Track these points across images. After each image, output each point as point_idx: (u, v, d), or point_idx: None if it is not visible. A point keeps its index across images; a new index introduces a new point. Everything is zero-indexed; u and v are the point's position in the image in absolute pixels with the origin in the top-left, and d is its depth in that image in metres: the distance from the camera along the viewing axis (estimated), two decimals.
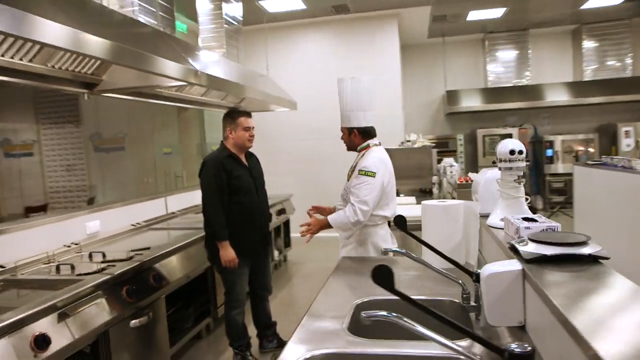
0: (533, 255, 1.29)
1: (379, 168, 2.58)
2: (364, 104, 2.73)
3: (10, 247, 2.62)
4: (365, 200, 2.52)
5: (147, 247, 2.89)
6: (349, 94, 2.75)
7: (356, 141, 2.73)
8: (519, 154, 1.76)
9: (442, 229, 2.09)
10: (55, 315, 2.04)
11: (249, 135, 2.98)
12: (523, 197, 1.87)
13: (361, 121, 2.72)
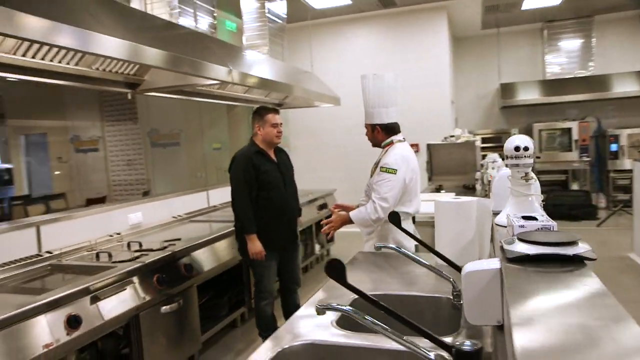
0: (515, 254, 1.26)
1: (400, 165, 2.57)
2: (386, 101, 2.74)
3: (59, 235, 2.86)
4: (386, 197, 2.53)
5: (178, 239, 3.04)
6: (372, 90, 2.77)
7: (379, 138, 2.74)
8: (525, 150, 1.71)
9: (454, 227, 2.06)
10: (88, 298, 2.22)
11: (276, 131, 3.06)
12: (534, 195, 1.81)
13: (384, 118, 2.73)
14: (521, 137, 1.75)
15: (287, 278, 3.23)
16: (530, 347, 0.71)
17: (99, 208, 3.30)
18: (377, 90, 2.75)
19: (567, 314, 0.87)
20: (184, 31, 3.31)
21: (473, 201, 2.05)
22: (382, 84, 2.74)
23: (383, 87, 2.74)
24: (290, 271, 3.22)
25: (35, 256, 2.66)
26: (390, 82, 2.76)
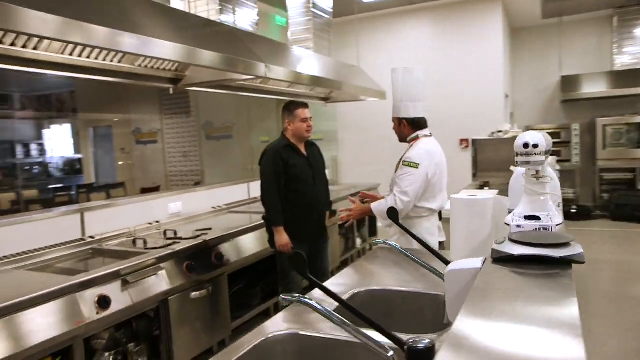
0: (499, 255, 1.22)
1: (423, 159, 2.55)
2: (414, 95, 2.72)
3: (103, 221, 3.07)
4: (406, 191, 2.52)
5: (209, 228, 3.16)
6: (401, 84, 2.76)
7: (405, 132, 2.73)
8: (534, 148, 1.64)
9: (468, 224, 2.01)
10: (119, 281, 2.38)
11: (306, 126, 3.09)
12: (548, 194, 1.73)
13: (410, 112, 2.71)
14: (532, 134, 1.68)
15: (316, 271, 3.27)
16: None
17: (141, 197, 3.48)
18: (406, 84, 2.74)
19: (504, 337, 0.83)
20: (223, 29, 3.42)
21: (489, 199, 1.99)
22: (412, 79, 2.73)
23: (412, 81, 2.73)
24: (319, 264, 3.26)
25: (79, 240, 2.88)
26: (420, 76, 2.74)
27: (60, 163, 10.92)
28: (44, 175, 10.39)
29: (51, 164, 10.68)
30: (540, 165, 1.67)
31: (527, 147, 1.64)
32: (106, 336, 2.46)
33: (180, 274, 2.73)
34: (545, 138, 1.70)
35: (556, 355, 0.70)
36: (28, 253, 2.62)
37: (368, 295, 1.74)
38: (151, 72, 3.38)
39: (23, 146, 10.77)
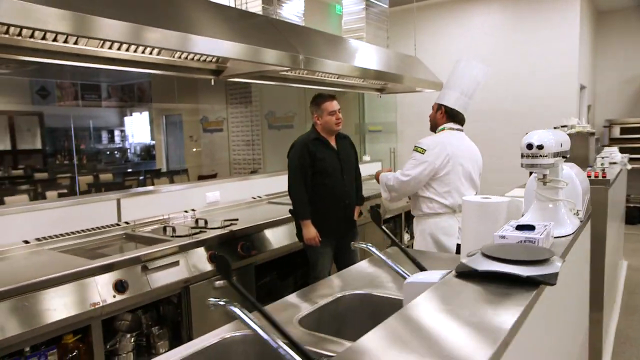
0: (463, 269, 1.10)
1: (431, 147, 2.54)
2: (464, 87, 2.66)
3: (141, 207, 3.22)
4: (407, 172, 2.58)
5: (236, 219, 3.20)
6: (457, 73, 2.77)
7: (439, 120, 2.68)
8: (539, 149, 1.46)
9: (479, 228, 1.85)
10: (139, 266, 2.48)
11: (335, 119, 3.03)
12: (561, 201, 1.54)
13: (452, 101, 2.64)
14: (539, 134, 1.51)
15: (344, 266, 3.19)
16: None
17: (179, 185, 3.60)
18: (461, 74, 2.72)
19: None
20: (261, 20, 3.41)
21: (503, 202, 1.82)
22: (470, 72, 2.71)
23: (469, 75, 2.70)
24: (347, 259, 3.20)
25: (115, 225, 3.03)
26: (478, 74, 2.74)
27: (137, 149, 11.67)
28: (120, 159, 11.15)
29: (128, 150, 11.44)
30: (548, 169, 1.49)
31: (530, 148, 1.47)
32: (129, 318, 2.59)
33: (203, 262, 2.79)
34: (559, 139, 1.51)
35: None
36: (64, 235, 2.80)
37: (355, 299, 1.66)
38: (194, 65, 3.47)
39: (108, 132, 11.61)
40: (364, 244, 1.53)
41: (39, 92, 10.13)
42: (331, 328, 1.48)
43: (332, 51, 3.91)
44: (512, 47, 6.12)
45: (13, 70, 8.61)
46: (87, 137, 11.04)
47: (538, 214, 1.55)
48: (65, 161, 10.44)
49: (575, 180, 1.67)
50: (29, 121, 9.95)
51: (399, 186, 2.61)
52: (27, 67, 8.20)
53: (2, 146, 9.18)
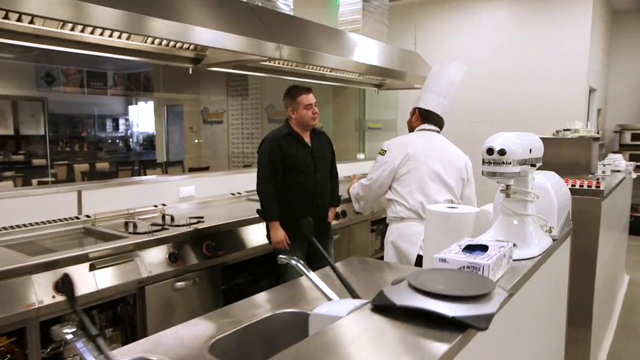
0: (380, 301, 0.89)
1: (391, 147, 2.42)
2: (438, 89, 2.49)
3: (106, 201, 3.04)
4: (368, 176, 2.49)
5: (200, 217, 3.01)
6: (433, 76, 2.64)
7: (414, 122, 2.53)
8: (501, 155, 1.24)
9: (442, 241, 1.64)
10: (86, 265, 2.30)
11: (311, 113, 2.83)
12: (529, 216, 1.33)
13: (428, 103, 2.48)
14: (503, 137, 1.29)
15: (317, 271, 3.00)
16: None
17: (150, 178, 3.42)
18: (438, 77, 2.58)
19: None
20: (240, 6, 3.21)
21: (469, 214, 1.60)
22: (445, 73, 2.56)
23: (444, 75, 2.55)
24: (319, 264, 2.99)
25: (74, 218, 2.87)
26: (453, 74, 2.56)
27: (140, 138, 11.56)
28: (122, 148, 11.05)
29: (130, 139, 11.34)
30: (511, 178, 1.27)
31: (491, 154, 1.26)
32: (78, 319, 2.42)
33: (162, 262, 2.61)
34: (526, 144, 1.29)
35: None
36: (15, 228, 2.64)
37: (288, 318, 1.46)
38: (173, 52, 3.30)
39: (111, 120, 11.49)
40: (288, 259, 1.32)
41: (45, 77, 10.05)
42: (257, 353, 1.29)
43: (320, 42, 3.70)
44: (519, 46, 5.84)
45: (17, 55, 8.53)
46: (90, 125, 10.95)
47: (502, 230, 1.33)
48: (67, 148, 10.38)
49: (549, 193, 1.45)
50: (33, 107, 9.89)
51: (363, 192, 2.54)
52: (31, 52, 8.11)
53: (5, 131, 9.11)
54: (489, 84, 5.85)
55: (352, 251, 4.29)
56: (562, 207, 1.56)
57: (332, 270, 1.30)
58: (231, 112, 8.69)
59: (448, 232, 1.61)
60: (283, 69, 4.11)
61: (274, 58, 3.08)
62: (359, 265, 2.06)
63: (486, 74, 5.86)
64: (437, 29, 6.33)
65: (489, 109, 5.86)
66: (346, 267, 2.05)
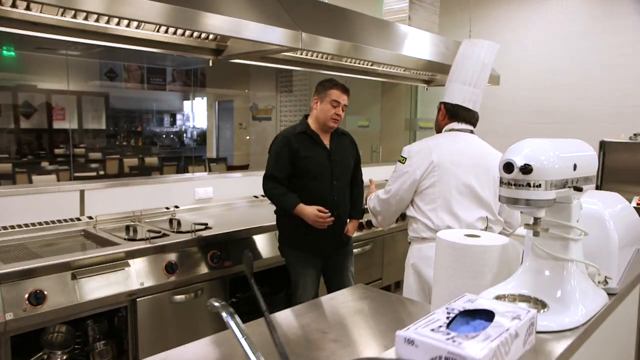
0: None
1: (412, 153, 1.96)
2: (465, 76, 1.97)
3: (112, 202, 2.85)
4: (386, 189, 2.05)
5: (205, 223, 2.73)
6: (456, 61, 2.09)
7: (441, 121, 2.07)
8: (525, 173, 0.83)
9: (454, 281, 1.24)
10: (68, 274, 2.09)
11: (334, 112, 2.46)
12: (571, 261, 0.90)
13: (455, 96, 2.01)
14: (531, 145, 0.87)
15: (335, 289, 2.63)
16: None
17: (166, 178, 3.20)
18: (464, 60, 2.04)
19: None
20: None
21: (492, 246, 1.18)
22: (471, 56, 2.02)
23: (471, 59, 2.02)
24: (338, 282, 2.64)
25: (75, 219, 2.69)
26: (482, 55, 2.01)
27: (194, 133, 11.69)
28: (177, 144, 11.19)
29: (184, 134, 11.48)
30: (543, 208, 0.86)
31: (510, 171, 0.85)
32: (64, 330, 2.23)
33: (157, 272, 2.36)
34: (567, 155, 0.87)
35: None
36: (8, 229, 2.48)
37: None
38: (193, 43, 3.07)
39: (169, 116, 11.70)
40: (219, 308, 0.97)
41: (108, 73, 10.38)
42: None
43: (357, 32, 3.33)
44: (591, 38, 5.11)
45: (82, 52, 8.81)
46: (147, 120, 11.20)
47: (529, 280, 0.92)
48: (124, 142, 10.67)
49: (606, 226, 1.01)
50: (97, 102, 10.25)
51: (381, 207, 2.07)
52: (95, 49, 8.34)
53: (69, 125, 9.46)
54: (556, 81, 5.19)
55: (386, 266, 3.89)
56: (628, 243, 1.11)
57: (266, 324, 0.95)
58: (280, 109, 8.50)
59: (462, 269, 1.20)
60: (323, 62, 3.80)
61: (294, 48, 2.75)
62: (355, 298, 1.69)
63: (553, 69, 5.21)
64: (495, 19, 5.71)
65: (556, 108, 5.20)
66: (338, 300, 1.69)
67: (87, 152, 8.72)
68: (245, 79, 9.16)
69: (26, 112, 7.99)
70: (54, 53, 8.16)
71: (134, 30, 2.55)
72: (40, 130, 7.81)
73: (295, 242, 2.52)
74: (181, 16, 2.22)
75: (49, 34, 2.39)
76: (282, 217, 2.59)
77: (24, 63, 7.79)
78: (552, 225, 0.89)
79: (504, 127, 5.74)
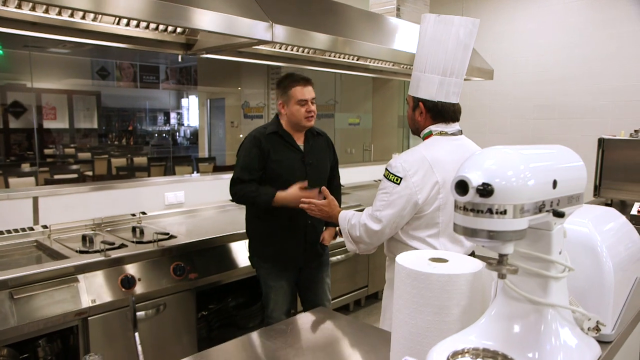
0: None
1: (410, 172, 1.54)
2: (445, 65, 1.61)
3: (71, 208, 2.64)
4: (379, 216, 1.57)
5: (167, 233, 2.52)
6: (426, 42, 1.64)
7: (420, 121, 1.69)
8: (483, 195, 0.61)
9: (413, 317, 1.02)
10: (4, 293, 1.88)
11: (305, 110, 2.23)
12: (552, 307, 0.69)
13: (434, 91, 1.63)
14: (490, 157, 0.65)
15: (310, 305, 2.42)
16: None
17: (133, 181, 2.99)
18: (437, 43, 1.61)
19: None
20: None
21: (460, 275, 0.97)
22: (446, 35, 1.59)
23: (446, 40, 1.60)
24: (313, 295, 2.43)
25: (28, 229, 2.48)
26: (461, 33, 1.59)
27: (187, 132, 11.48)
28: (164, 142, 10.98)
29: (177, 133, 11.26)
30: (509, 242, 0.64)
31: (463, 192, 0.63)
32: (5, 353, 2.02)
33: (111, 288, 2.15)
34: (543, 171, 0.65)
35: None
36: None
37: None
38: (162, 37, 2.87)
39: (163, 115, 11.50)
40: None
41: (99, 72, 10.18)
42: None
43: (332, 24, 3.11)
44: (593, 30, 4.86)
45: (71, 50, 8.60)
46: (138, 119, 11.00)
47: (495, 331, 0.71)
48: (115, 142, 10.48)
49: (599, 258, 0.79)
50: (88, 101, 10.05)
51: (370, 238, 1.63)
52: (85, 47, 8.14)
53: (63, 124, 9.26)
54: (555, 75, 4.95)
55: (372, 271, 3.68)
56: (627, 273, 0.89)
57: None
58: (272, 106, 8.30)
59: (422, 304, 0.98)
60: (309, 57, 3.58)
61: (265, 41, 2.53)
62: (311, 325, 1.48)
63: (553, 62, 4.96)
64: (490, 12, 5.47)
65: (555, 104, 4.97)
66: (291, 326, 1.47)
67: (76, 152, 8.52)
68: (237, 76, 8.96)
69: (15, 112, 7.79)
70: (43, 51, 7.96)
71: (97, 24, 2.36)
72: (29, 130, 7.58)
73: (266, 252, 2.31)
74: (141, 7, 2.01)
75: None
76: (253, 223, 2.38)
77: (12, 61, 7.60)
78: (527, 257, 0.68)
79: (501, 124, 5.52)
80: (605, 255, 0.81)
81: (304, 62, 3.67)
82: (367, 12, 3.72)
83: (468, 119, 5.97)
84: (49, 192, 2.59)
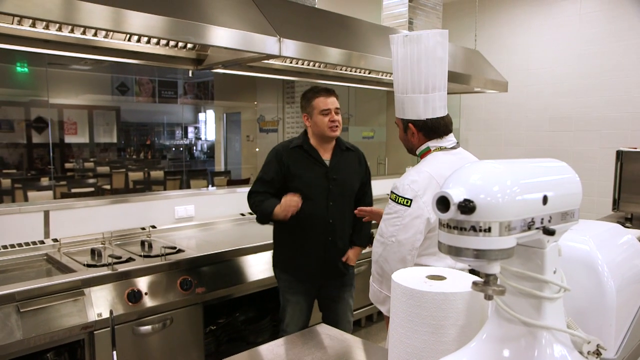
0: None
1: (419, 193, 1.50)
2: (426, 83, 1.57)
3: (81, 221, 2.67)
4: (391, 237, 1.52)
5: (174, 247, 2.51)
6: (400, 64, 1.62)
7: (413, 141, 1.66)
8: (464, 212, 0.58)
9: (407, 330, 0.99)
10: (10, 307, 1.90)
11: (328, 120, 2.21)
12: (546, 330, 0.65)
13: (420, 110, 1.60)
14: (474, 171, 0.62)
15: (332, 322, 2.35)
16: None
17: (144, 195, 3.01)
18: (411, 64, 1.59)
19: None
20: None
21: (456, 293, 0.93)
22: (419, 54, 1.57)
23: (420, 58, 1.57)
24: (334, 314, 2.38)
25: (39, 242, 2.51)
26: (437, 49, 1.57)
27: (203, 146, 11.61)
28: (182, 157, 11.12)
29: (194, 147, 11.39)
30: (494, 261, 0.61)
31: (445, 208, 0.60)
32: None
33: (119, 302, 2.15)
34: (532, 186, 0.62)
35: None
36: None
37: None
38: (173, 53, 2.92)
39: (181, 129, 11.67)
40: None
41: (119, 87, 10.40)
42: None
43: (343, 38, 3.11)
44: (610, 40, 4.78)
45: (93, 67, 8.82)
46: (157, 133, 11.18)
47: (487, 356, 0.67)
48: (134, 156, 10.64)
49: (600, 275, 0.76)
50: (108, 116, 10.26)
51: (389, 266, 1.52)
52: (104, 64, 8.35)
53: (83, 139, 9.45)
54: (571, 87, 4.87)
55: None
56: (632, 294, 0.84)
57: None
58: (287, 120, 8.35)
59: (418, 323, 0.95)
60: (322, 72, 3.62)
61: (272, 55, 2.54)
62: (312, 343, 1.45)
63: (568, 74, 4.89)
64: (503, 24, 5.43)
65: (570, 115, 4.88)
66: (289, 344, 1.44)
67: (95, 166, 8.66)
68: (253, 90, 9.04)
69: (38, 127, 7.98)
70: (65, 68, 8.17)
71: (109, 41, 2.42)
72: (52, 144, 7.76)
73: (285, 263, 2.29)
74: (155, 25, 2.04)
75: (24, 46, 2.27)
76: (276, 232, 2.38)
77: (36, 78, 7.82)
78: (520, 276, 0.65)
79: (517, 137, 5.44)
80: (607, 275, 0.77)
81: (316, 76, 3.69)
82: (378, 25, 3.72)
83: (483, 131, 5.94)
84: (60, 206, 2.62)
